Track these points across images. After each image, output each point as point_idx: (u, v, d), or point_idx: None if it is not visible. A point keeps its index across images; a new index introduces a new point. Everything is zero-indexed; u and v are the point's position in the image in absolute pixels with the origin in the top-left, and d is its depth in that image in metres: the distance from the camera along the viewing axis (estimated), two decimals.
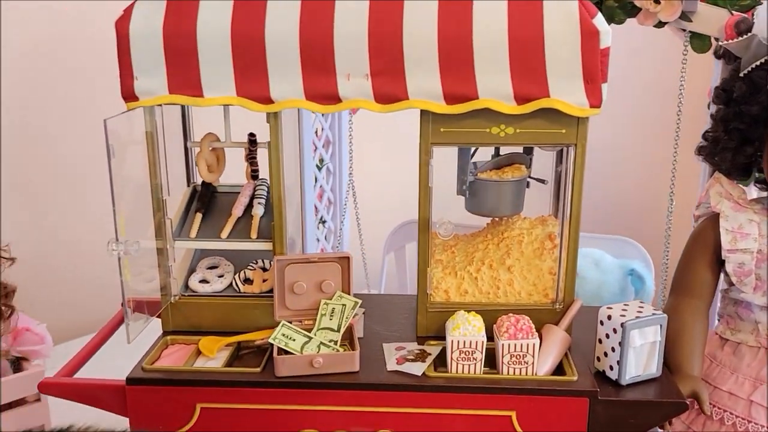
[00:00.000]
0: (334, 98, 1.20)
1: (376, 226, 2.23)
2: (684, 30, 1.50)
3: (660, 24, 1.46)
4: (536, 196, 1.48)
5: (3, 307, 1.17)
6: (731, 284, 1.32)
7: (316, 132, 1.93)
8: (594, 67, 1.16)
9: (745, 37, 1.25)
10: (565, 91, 1.17)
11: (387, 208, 2.36)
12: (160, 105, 1.25)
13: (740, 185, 1.32)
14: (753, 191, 1.34)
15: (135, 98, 1.21)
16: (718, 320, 1.41)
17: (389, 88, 1.19)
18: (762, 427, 1.27)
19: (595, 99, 1.18)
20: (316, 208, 1.96)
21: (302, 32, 1.17)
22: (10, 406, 1.92)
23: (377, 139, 2.25)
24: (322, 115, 1.94)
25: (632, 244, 2.01)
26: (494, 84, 1.17)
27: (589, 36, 1.15)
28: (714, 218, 1.32)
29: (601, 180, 2.45)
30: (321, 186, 1.98)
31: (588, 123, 1.23)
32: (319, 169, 1.97)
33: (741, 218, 1.28)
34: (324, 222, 2.03)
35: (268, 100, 1.21)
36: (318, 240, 1.99)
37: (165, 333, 1.38)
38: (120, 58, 1.20)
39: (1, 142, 2.21)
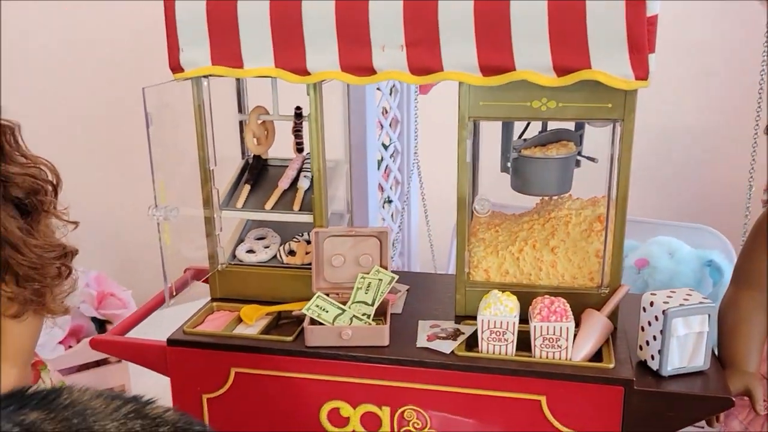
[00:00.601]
0: (368, 70, 1.19)
1: (448, 207, 2.21)
2: None
3: None
4: (593, 175, 1.41)
5: (62, 268, 1.24)
6: None
7: (384, 111, 1.93)
8: (640, 36, 1.09)
9: None
10: (609, 61, 1.11)
11: None
12: (206, 77, 1.29)
13: None
14: None
15: (181, 69, 1.26)
16: None
17: (424, 59, 1.17)
18: None
19: (641, 71, 1.11)
20: (381, 187, 1.97)
21: (338, 4, 1.17)
22: (97, 364, 2.07)
23: (450, 118, 2.22)
24: (390, 93, 1.94)
25: (714, 233, 1.87)
26: (532, 54, 1.13)
27: (635, 4, 1.08)
28: None
29: (686, 167, 2.31)
30: (387, 165, 1.99)
31: (636, 97, 1.16)
32: (386, 148, 1.97)
33: None
34: (390, 201, 2.03)
35: (305, 72, 1.22)
36: (383, 219, 2.00)
37: (213, 299, 1.42)
38: (167, 31, 1.25)
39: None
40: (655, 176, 2.28)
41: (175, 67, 1.26)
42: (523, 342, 1.21)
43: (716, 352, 1.24)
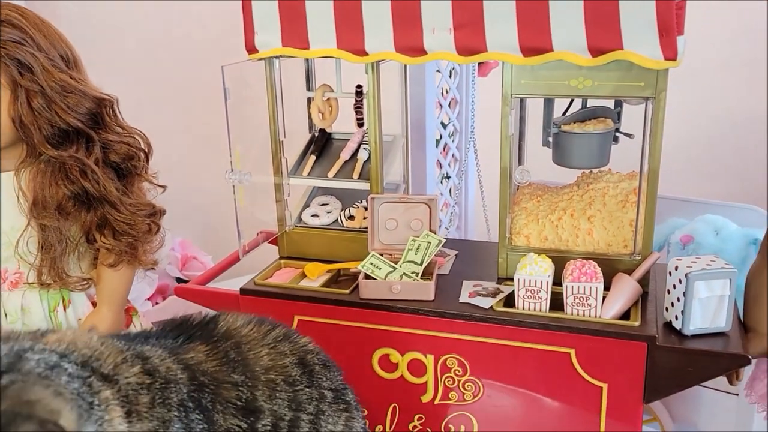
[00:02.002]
0: (419, 50, 1.33)
1: None
2: None
3: None
4: (635, 151, 1.49)
5: (152, 224, 1.43)
6: None
7: (443, 92, 2.05)
8: (669, 20, 1.18)
9: None
10: (639, 43, 1.20)
11: None
12: (278, 57, 1.45)
13: None
14: None
15: (255, 50, 1.43)
16: None
17: (470, 40, 1.29)
18: None
19: (669, 52, 1.20)
20: (440, 164, 2.09)
21: None
22: None
23: None
24: (449, 76, 2.06)
25: (761, 213, 1.91)
26: (569, 36, 1.23)
27: None
28: None
29: (742, 150, 2.33)
30: (446, 144, 2.11)
31: (668, 76, 1.24)
32: (445, 127, 2.09)
33: None
34: (448, 177, 2.15)
35: (363, 53, 1.36)
36: (441, 194, 2.12)
37: (280, 257, 1.59)
38: (244, 16, 1.41)
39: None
40: (709, 158, 2.32)
41: (251, 48, 1.43)
42: (557, 303, 1.32)
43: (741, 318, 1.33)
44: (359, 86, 1.52)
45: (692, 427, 1.72)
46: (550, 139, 1.43)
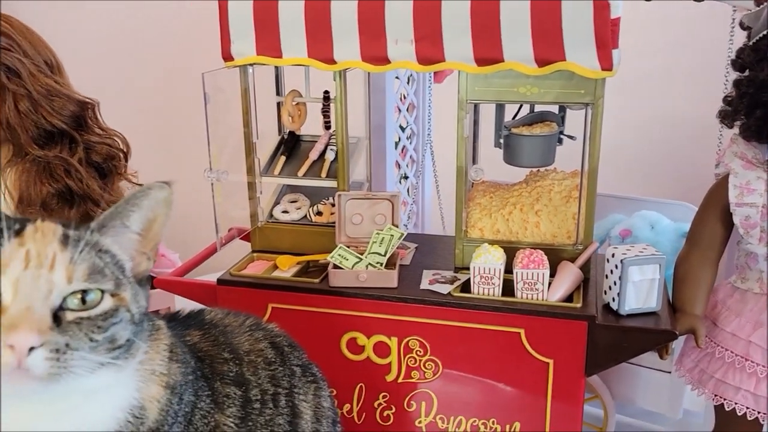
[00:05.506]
0: (384, 60, 1.45)
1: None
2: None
3: None
4: (578, 152, 1.65)
5: None
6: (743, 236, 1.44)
7: (402, 97, 2.18)
8: (605, 35, 1.33)
9: (761, 7, 1.36)
10: (580, 55, 1.35)
11: None
12: (252, 65, 1.56)
13: (756, 147, 1.42)
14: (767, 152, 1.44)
15: (231, 58, 1.53)
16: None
17: (429, 51, 1.42)
18: (757, 365, 1.39)
19: (606, 63, 1.35)
20: (398, 164, 2.22)
21: (360, 4, 1.43)
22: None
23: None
24: (407, 82, 2.19)
25: (692, 209, 2.09)
26: (518, 48, 1.38)
27: (601, 8, 1.32)
28: (728, 176, 1.44)
29: (674, 152, 2.52)
30: (404, 146, 2.24)
31: (605, 85, 1.40)
32: (403, 130, 2.22)
33: (750, 175, 1.40)
34: (406, 177, 2.29)
35: (332, 61, 1.48)
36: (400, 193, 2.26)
37: (253, 251, 1.70)
38: (221, 26, 1.52)
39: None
40: (646, 159, 2.51)
41: (227, 56, 1.54)
42: (508, 288, 1.46)
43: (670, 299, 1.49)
44: (327, 92, 1.64)
45: (631, 403, 1.88)
46: (501, 141, 1.57)
